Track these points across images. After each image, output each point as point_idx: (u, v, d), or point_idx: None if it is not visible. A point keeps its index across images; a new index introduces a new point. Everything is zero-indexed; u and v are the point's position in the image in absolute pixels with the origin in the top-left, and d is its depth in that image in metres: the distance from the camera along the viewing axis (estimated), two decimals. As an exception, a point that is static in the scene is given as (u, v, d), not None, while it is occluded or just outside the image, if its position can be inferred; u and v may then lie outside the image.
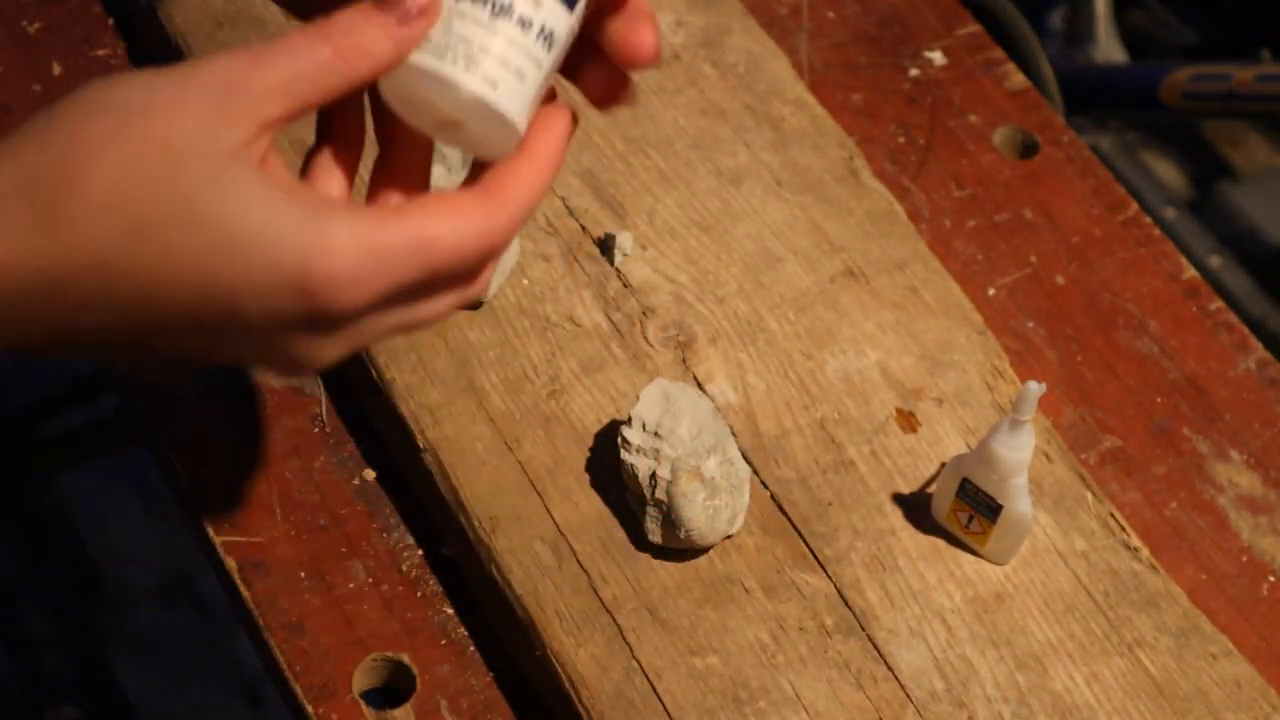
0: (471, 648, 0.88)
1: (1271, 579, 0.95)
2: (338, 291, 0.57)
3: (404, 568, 0.90)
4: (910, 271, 1.02)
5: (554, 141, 0.64)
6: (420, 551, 0.91)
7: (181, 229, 0.56)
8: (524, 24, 0.62)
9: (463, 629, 0.89)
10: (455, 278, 0.61)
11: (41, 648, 1.65)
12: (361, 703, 0.85)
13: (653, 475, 0.87)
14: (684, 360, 0.96)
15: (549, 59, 0.63)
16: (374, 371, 0.93)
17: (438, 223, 0.59)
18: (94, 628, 1.69)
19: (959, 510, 0.90)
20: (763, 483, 0.92)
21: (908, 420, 0.96)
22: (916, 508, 0.92)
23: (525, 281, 0.98)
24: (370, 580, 0.89)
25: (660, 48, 0.65)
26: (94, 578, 1.77)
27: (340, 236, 0.57)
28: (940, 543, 0.91)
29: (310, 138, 0.65)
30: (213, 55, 0.58)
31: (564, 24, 0.63)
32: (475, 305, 0.91)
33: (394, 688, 0.87)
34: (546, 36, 0.62)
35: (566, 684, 0.84)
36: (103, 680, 1.64)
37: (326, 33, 0.59)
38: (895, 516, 0.92)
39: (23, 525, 1.70)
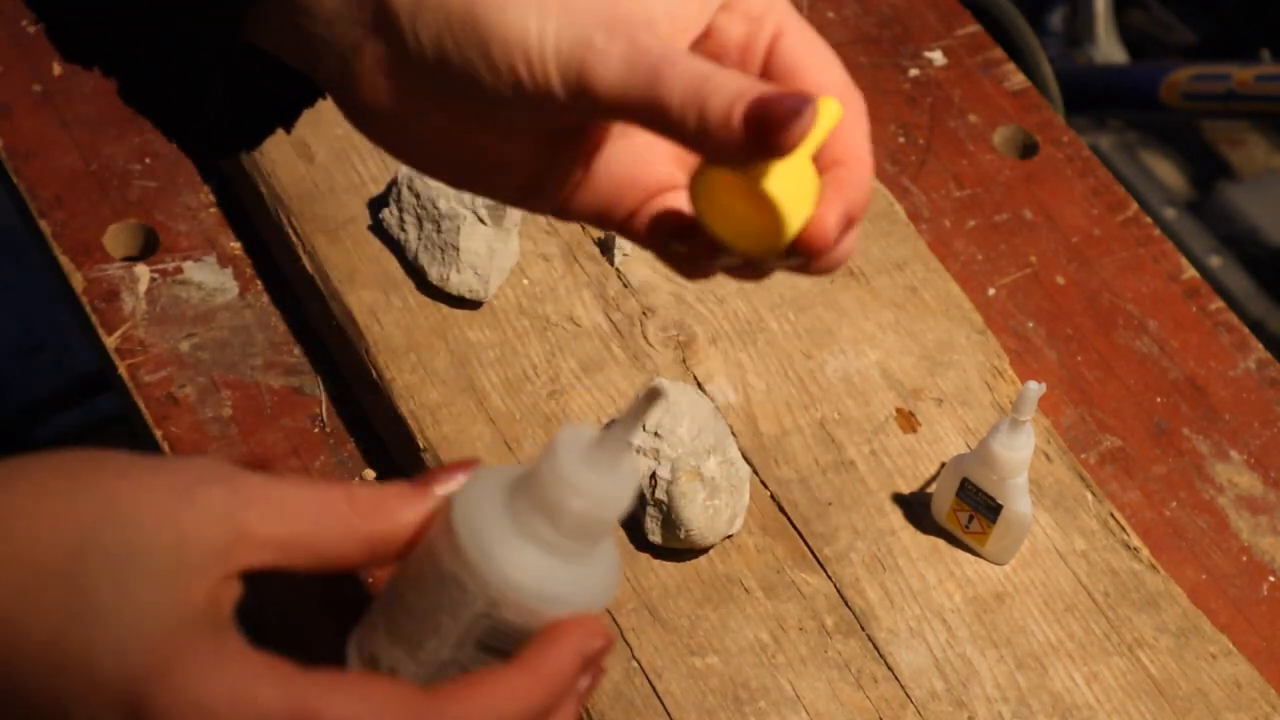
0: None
1: (1271, 579, 0.95)
2: (192, 709, 0.46)
3: (404, 568, 0.90)
4: (910, 271, 1.02)
5: (551, 660, 0.50)
6: (420, 551, 0.91)
7: (52, 589, 0.47)
8: None
9: (463, 629, 0.89)
10: None
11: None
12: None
13: (653, 475, 0.87)
14: (684, 360, 0.96)
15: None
16: (374, 371, 0.93)
17: (335, 696, 0.47)
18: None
19: (959, 510, 0.90)
20: (763, 483, 0.92)
21: (908, 420, 0.96)
22: (916, 508, 0.92)
23: (525, 281, 0.98)
24: (370, 580, 0.89)
25: (840, 252, 0.54)
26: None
27: (203, 660, 0.46)
28: (940, 543, 0.91)
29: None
30: (230, 473, 0.50)
31: None
32: None
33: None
34: None
35: (566, 684, 0.84)
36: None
37: (349, 490, 0.51)
38: (895, 516, 0.92)
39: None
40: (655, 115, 0.50)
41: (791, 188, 0.51)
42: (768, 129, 0.48)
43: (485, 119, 0.53)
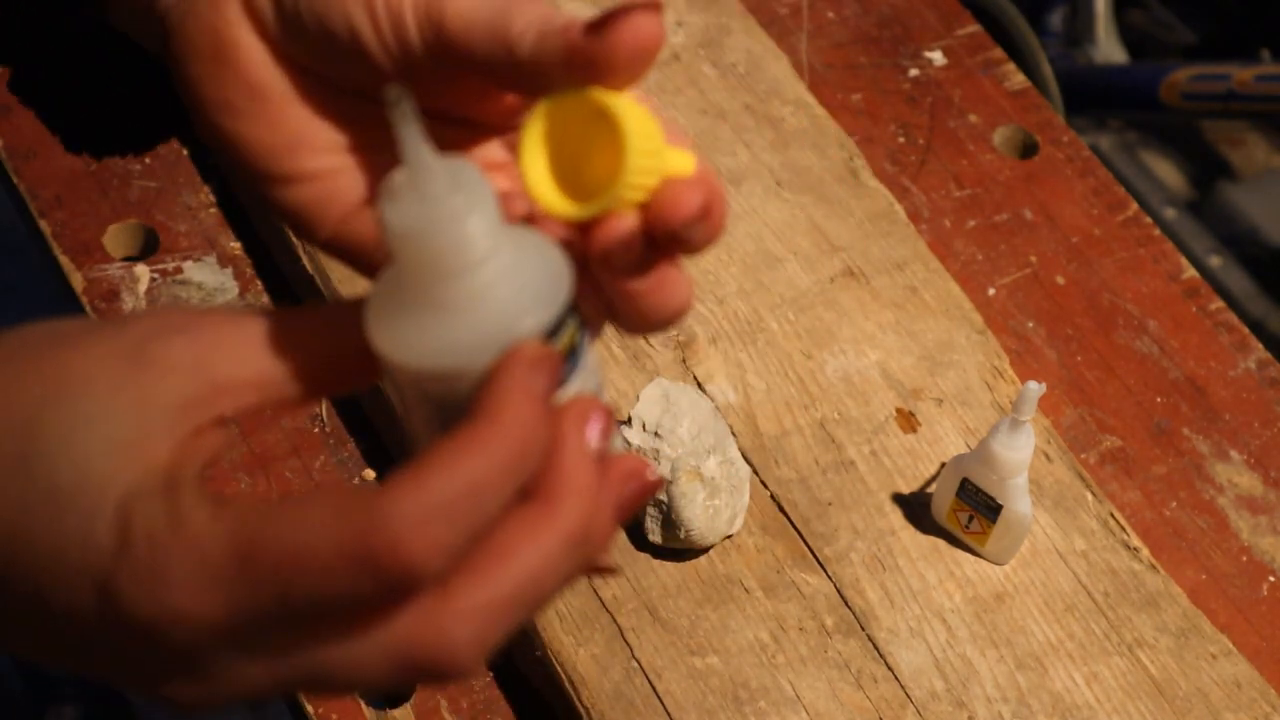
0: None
1: (1271, 579, 0.95)
2: (138, 591, 0.42)
3: (404, 568, 0.90)
4: (910, 271, 1.02)
5: (496, 403, 0.43)
6: (420, 551, 0.91)
7: (9, 461, 0.43)
8: None
9: (463, 629, 0.89)
10: (324, 597, 0.41)
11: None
12: (362, 702, 0.85)
13: (653, 475, 0.87)
14: (684, 360, 0.96)
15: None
16: (374, 371, 0.93)
17: (279, 520, 0.41)
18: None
19: (959, 510, 0.90)
20: (763, 483, 0.92)
21: (908, 420, 0.96)
22: (916, 508, 0.92)
23: (525, 281, 0.98)
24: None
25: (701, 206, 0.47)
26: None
27: (154, 521, 0.42)
28: (940, 543, 0.91)
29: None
30: (196, 318, 0.45)
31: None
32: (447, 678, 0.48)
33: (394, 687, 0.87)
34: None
35: (566, 684, 0.84)
36: (103, 680, 1.63)
37: (327, 308, 0.46)
38: (895, 516, 0.92)
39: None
40: (510, 48, 0.47)
41: (638, 123, 0.46)
42: (607, 30, 0.45)
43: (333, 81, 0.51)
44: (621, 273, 0.47)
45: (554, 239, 0.47)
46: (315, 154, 0.51)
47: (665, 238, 0.47)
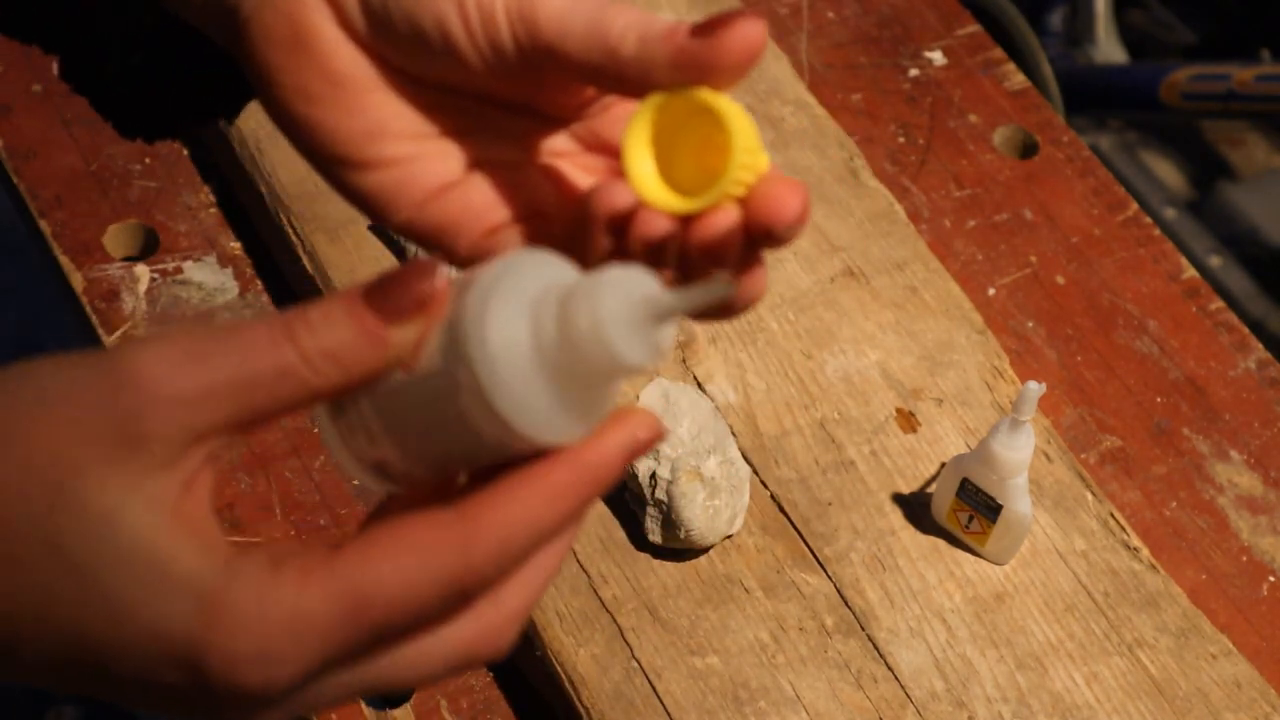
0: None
1: (1271, 579, 0.95)
2: (244, 673, 0.44)
3: (404, 568, 0.90)
4: (910, 271, 1.02)
5: (595, 450, 0.46)
6: (420, 551, 0.91)
7: (51, 573, 0.44)
8: None
9: (463, 629, 0.89)
10: (417, 625, 0.46)
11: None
12: (361, 703, 0.85)
13: (652, 475, 0.87)
14: (684, 360, 0.96)
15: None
16: (374, 371, 0.93)
17: (376, 568, 0.44)
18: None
19: (959, 510, 0.90)
20: (763, 483, 0.92)
21: (908, 420, 0.96)
22: (916, 508, 0.92)
23: (525, 281, 0.98)
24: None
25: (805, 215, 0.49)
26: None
27: (245, 605, 0.43)
28: (940, 543, 0.91)
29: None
30: (135, 344, 0.45)
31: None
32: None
33: (394, 688, 0.87)
34: None
35: (566, 684, 0.84)
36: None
37: (292, 330, 0.45)
38: (895, 516, 0.92)
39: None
40: (611, 53, 0.48)
41: (740, 121, 0.49)
42: (716, 33, 0.47)
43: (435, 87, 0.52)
44: (722, 264, 0.49)
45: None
46: (396, 140, 0.52)
47: (762, 234, 0.49)
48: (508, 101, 0.52)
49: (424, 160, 0.52)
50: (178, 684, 0.45)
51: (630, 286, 0.44)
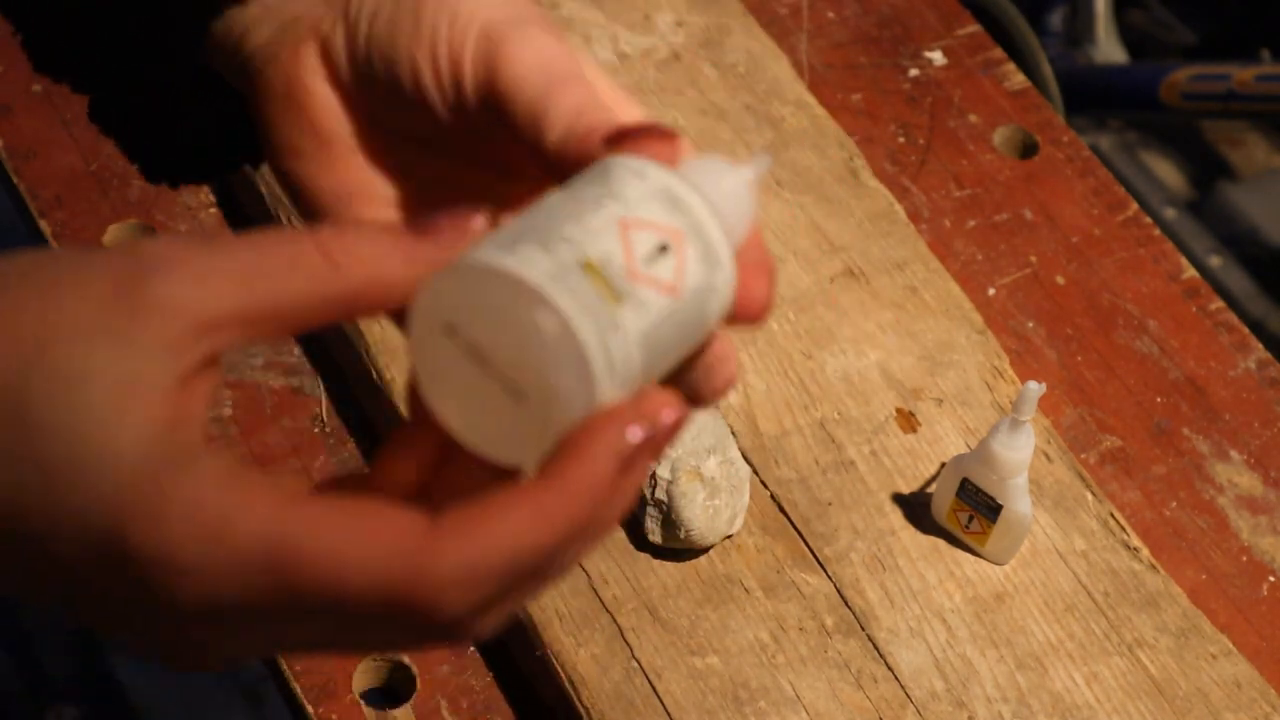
0: (471, 648, 0.88)
1: (1271, 579, 0.95)
2: (154, 567, 0.41)
3: (404, 568, 0.90)
4: (910, 271, 1.02)
5: (588, 467, 0.41)
6: (420, 551, 0.91)
7: (6, 431, 0.41)
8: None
9: (463, 629, 0.88)
10: (337, 611, 0.41)
11: (41, 648, 1.65)
12: (362, 703, 0.85)
13: (653, 475, 0.87)
14: (684, 360, 0.96)
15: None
16: (374, 372, 0.93)
17: (320, 533, 0.40)
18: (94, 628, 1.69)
19: (959, 510, 0.90)
20: (763, 483, 0.92)
21: (908, 420, 0.96)
22: (916, 508, 0.92)
23: (525, 281, 0.98)
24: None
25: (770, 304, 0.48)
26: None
27: (180, 498, 0.40)
28: (940, 543, 0.91)
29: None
30: (166, 236, 0.46)
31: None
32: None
33: (394, 688, 0.87)
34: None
35: (566, 684, 0.84)
36: (103, 680, 1.64)
37: (314, 230, 0.43)
38: (895, 516, 0.92)
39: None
40: (535, 119, 0.48)
41: None
42: (635, 142, 0.46)
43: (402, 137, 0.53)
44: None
45: None
46: (370, 205, 0.53)
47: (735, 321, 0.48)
48: (481, 158, 0.53)
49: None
50: (92, 568, 0.41)
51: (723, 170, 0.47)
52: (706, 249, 0.45)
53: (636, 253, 0.43)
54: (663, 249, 0.44)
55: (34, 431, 0.41)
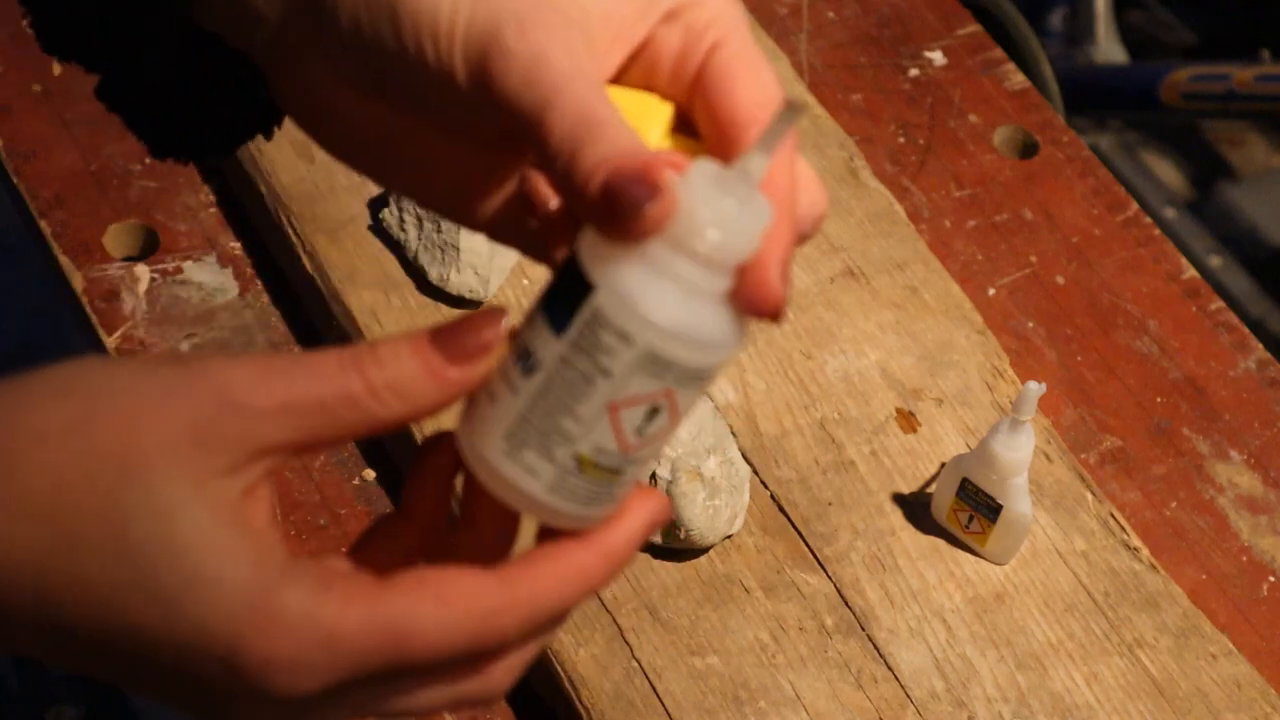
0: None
1: (1271, 579, 0.95)
2: (275, 676, 0.46)
3: (404, 568, 0.90)
4: (910, 271, 1.02)
5: (619, 536, 0.49)
6: (420, 551, 0.91)
7: (109, 555, 0.46)
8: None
9: (463, 629, 0.89)
10: (438, 671, 0.49)
11: (41, 648, 1.64)
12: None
13: (653, 475, 0.87)
14: (684, 360, 0.96)
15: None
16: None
17: (418, 610, 0.47)
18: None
19: (959, 510, 0.90)
20: (763, 483, 0.92)
21: (908, 420, 0.96)
22: (916, 508, 0.92)
23: (525, 282, 0.98)
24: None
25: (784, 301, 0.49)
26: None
27: (290, 613, 0.46)
28: (940, 543, 0.91)
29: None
30: (217, 358, 0.48)
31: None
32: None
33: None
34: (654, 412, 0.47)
35: (566, 684, 0.84)
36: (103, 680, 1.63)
37: (360, 362, 0.47)
38: (895, 516, 0.92)
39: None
40: (538, 140, 0.47)
41: None
42: (616, 209, 0.45)
43: (408, 107, 0.52)
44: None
45: None
46: (415, 142, 0.54)
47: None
48: (468, 131, 0.53)
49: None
50: (209, 679, 0.46)
51: (702, 164, 0.46)
52: (698, 375, 0.47)
53: (627, 429, 0.47)
54: (653, 412, 0.47)
55: (134, 557, 0.46)
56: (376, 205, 0.99)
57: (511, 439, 0.47)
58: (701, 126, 0.50)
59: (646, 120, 0.49)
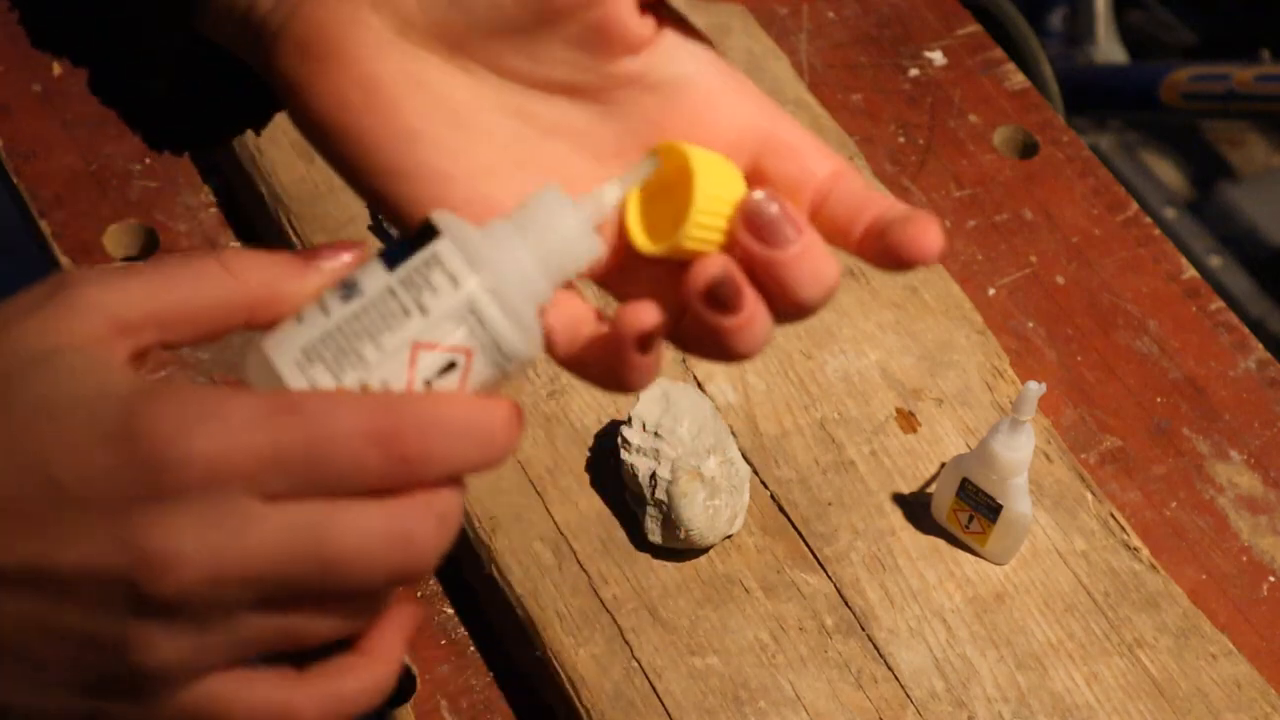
0: (471, 648, 0.88)
1: (1271, 579, 0.95)
2: (172, 432, 0.44)
3: (404, 568, 0.90)
4: (910, 271, 1.02)
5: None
6: (420, 551, 0.91)
7: None
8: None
9: (463, 629, 0.89)
10: (337, 469, 0.46)
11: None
12: (361, 703, 0.85)
13: (653, 475, 0.87)
14: (684, 360, 0.96)
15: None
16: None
17: (310, 396, 0.46)
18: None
19: (959, 510, 0.90)
20: (763, 483, 0.92)
21: (908, 420, 0.96)
22: (916, 508, 0.92)
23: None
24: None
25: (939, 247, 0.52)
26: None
27: (176, 388, 0.45)
28: (940, 543, 0.91)
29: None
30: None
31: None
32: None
33: (394, 688, 0.87)
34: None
35: (566, 684, 0.84)
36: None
37: (218, 253, 0.50)
38: (895, 516, 0.92)
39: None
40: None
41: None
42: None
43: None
44: (726, 310, 0.51)
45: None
46: (433, 148, 0.52)
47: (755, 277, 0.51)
48: (538, 77, 0.53)
49: (462, 168, 0.52)
50: (108, 459, 0.44)
51: (560, 214, 0.50)
52: (499, 351, 0.49)
53: (419, 373, 0.48)
54: (449, 366, 0.48)
55: (16, 399, 0.45)
56: (376, 205, 0.99)
57: (308, 352, 0.48)
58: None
59: (729, 182, 0.53)
